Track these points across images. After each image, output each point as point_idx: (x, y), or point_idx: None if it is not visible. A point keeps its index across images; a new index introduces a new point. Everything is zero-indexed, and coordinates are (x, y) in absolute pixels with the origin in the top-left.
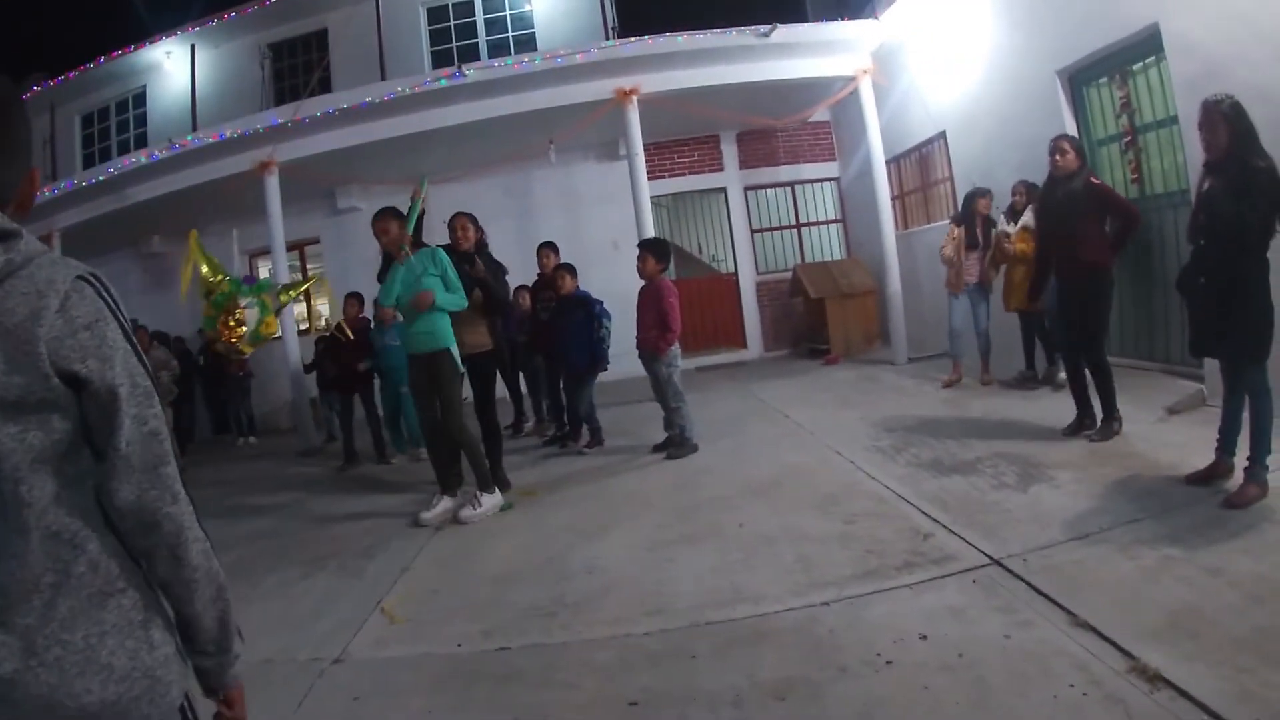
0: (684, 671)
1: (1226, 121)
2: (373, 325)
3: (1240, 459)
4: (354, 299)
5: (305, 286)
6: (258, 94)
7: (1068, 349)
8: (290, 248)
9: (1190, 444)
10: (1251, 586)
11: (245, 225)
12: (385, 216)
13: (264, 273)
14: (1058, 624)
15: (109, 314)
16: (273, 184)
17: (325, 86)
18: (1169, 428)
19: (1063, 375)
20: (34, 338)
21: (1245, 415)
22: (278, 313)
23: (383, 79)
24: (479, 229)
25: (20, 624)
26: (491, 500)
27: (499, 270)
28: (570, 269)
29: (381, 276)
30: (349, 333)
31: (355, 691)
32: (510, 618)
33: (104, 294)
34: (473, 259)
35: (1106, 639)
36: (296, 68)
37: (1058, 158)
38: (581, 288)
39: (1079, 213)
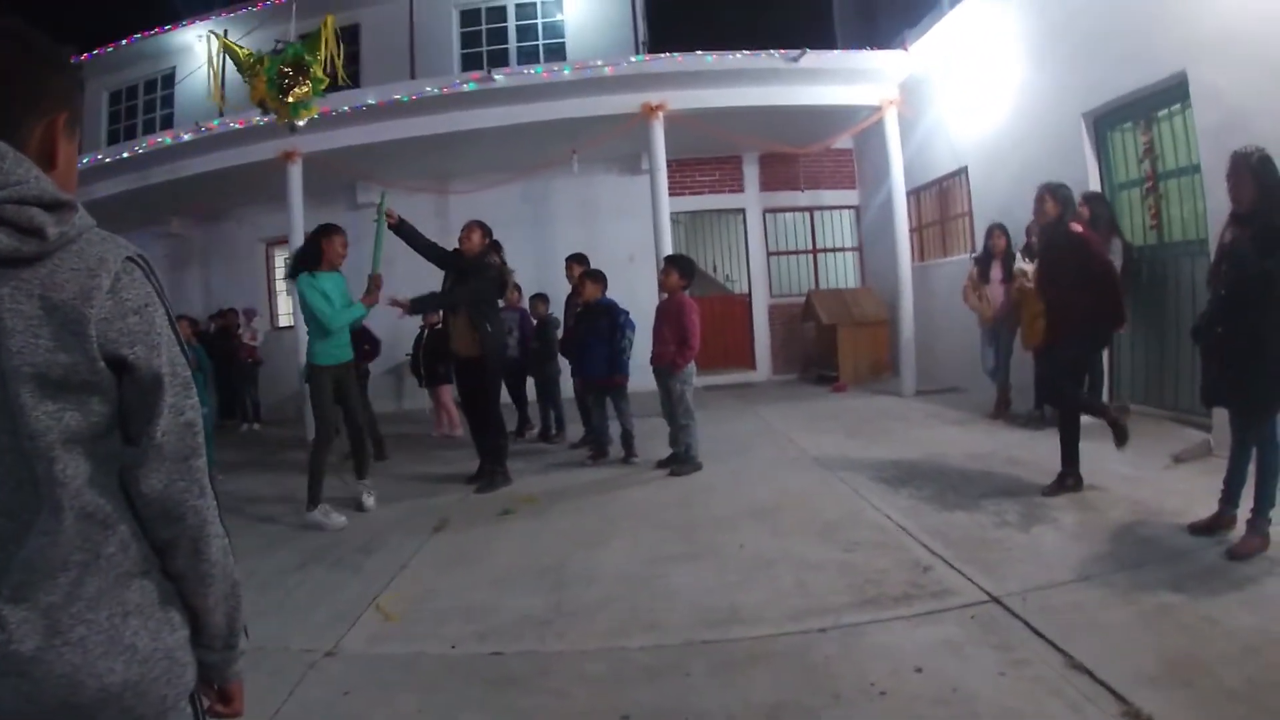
0: (677, 689)
1: (1254, 175)
2: None
3: (1244, 510)
4: None
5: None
6: None
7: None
8: None
9: (1195, 493)
10: (1249, 638)
11: (265, 214)
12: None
13: (280, 261)
14: (1053, 665)
15: (156, 299)
16: (295, 174)
17: (353, 82)
18: (1174, 475)
19: None
20: (83, 318)
21: (1251, 467)
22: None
23: (412, 78)
24: (486, 237)
25: (44, 601)
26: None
27: (472, 277)
28: (596, 276)
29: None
30: None
31: (346, 685)
32: (506, 622)
33: (151, 277)
34: (466, 265)
35: (1101, 683)
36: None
37: (1035, 207)
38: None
39: (1062, 263)
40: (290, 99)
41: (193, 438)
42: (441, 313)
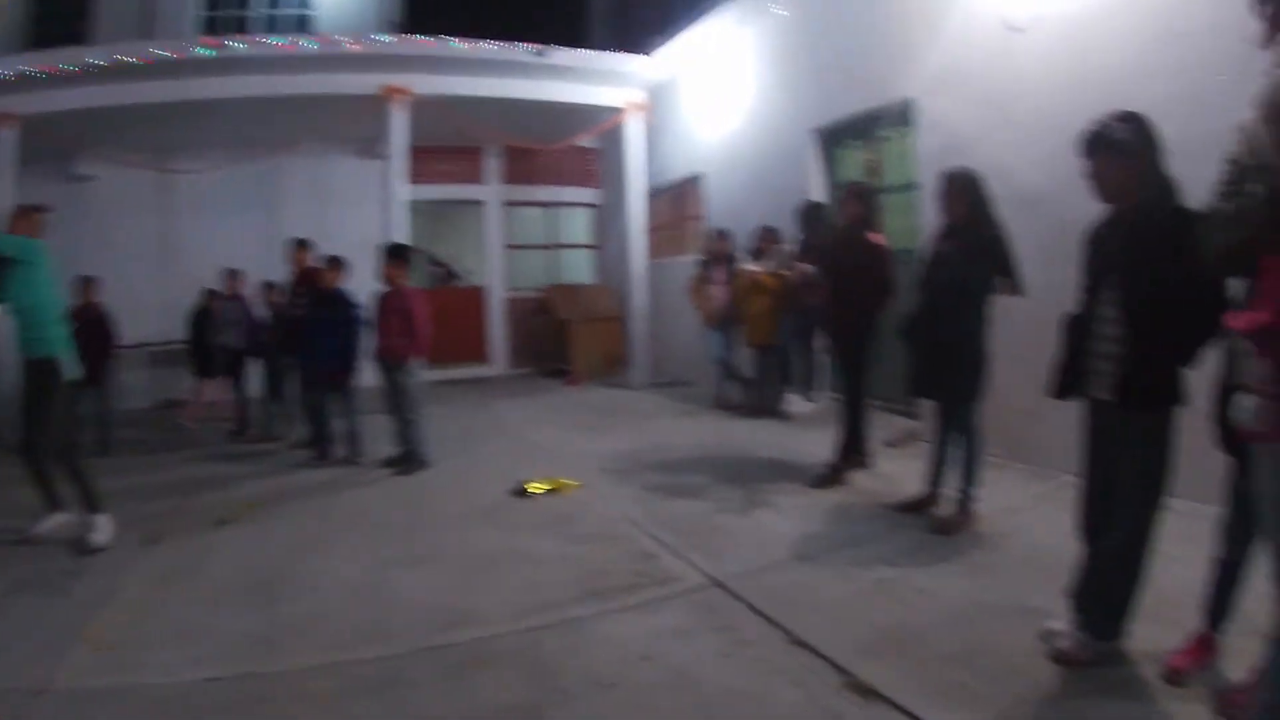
0: (404, 700)
1: (965, 191)
2: None
3: (950, 491)
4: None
5: None
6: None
7: None
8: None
9: (905, 475)
10: (958, 605)
11: None
12: None
13: None
14: (776, 643)
15: None
16: (5, 139)
17: (80, 38)
18: (885, 460)
19: (793, 408)
20: None
21: (955, 451)
22: None
23: (146, 39)
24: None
25: None
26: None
27: None
28: (338, 262)
29: None
30: None
31: None
32: (223, 644)
33: None
34: None
35: (822, 656)
36: (55, 13)
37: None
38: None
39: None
40: None
41: None
42: None
